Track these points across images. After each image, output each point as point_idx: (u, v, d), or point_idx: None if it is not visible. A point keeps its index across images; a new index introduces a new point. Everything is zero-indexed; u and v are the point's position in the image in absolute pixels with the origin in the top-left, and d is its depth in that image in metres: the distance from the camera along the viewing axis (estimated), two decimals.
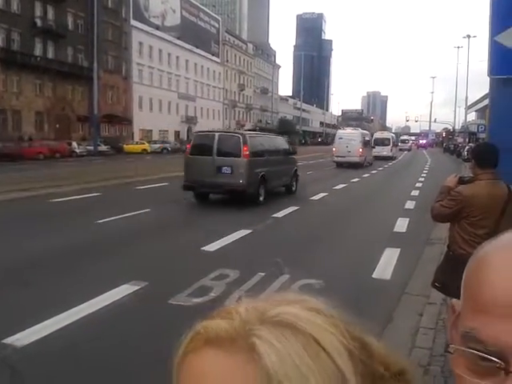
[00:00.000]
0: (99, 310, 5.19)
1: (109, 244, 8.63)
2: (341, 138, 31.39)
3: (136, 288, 5.88)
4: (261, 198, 13.75)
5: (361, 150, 30.63)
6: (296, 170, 17.15)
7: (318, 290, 5.98)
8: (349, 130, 35.76)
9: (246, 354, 0.42)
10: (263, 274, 6.39)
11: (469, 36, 68.90)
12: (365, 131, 39.08)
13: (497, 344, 0.42)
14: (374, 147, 37.38)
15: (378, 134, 46.26)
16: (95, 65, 42.54)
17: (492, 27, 3.69)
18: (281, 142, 17.32)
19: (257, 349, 0.42)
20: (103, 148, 43.04)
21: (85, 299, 5.38)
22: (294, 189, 16.71)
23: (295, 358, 0.41)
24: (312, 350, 0.42)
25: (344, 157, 30.08)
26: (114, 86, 56.39)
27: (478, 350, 0.43)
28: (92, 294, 5.54)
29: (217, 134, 13.86)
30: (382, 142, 41.81)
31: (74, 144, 41.41)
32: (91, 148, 41.56)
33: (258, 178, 13.67)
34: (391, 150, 43.12)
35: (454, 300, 0.53)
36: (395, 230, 10.40)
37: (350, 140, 30.60)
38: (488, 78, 3.99)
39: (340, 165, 29.70)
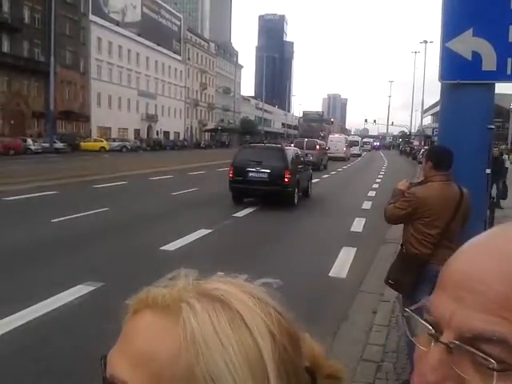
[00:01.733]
0: (52, 310, 5.07)
1: (64, 244, 8.41)
2: (332, 141, 46.59)
3: (92, 289, 5.77)
4: (321, 168, 28.87)
5: (344, 148, 46.58)
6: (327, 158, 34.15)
7: (275, 289, 6.04)
8: (337, 136, 53.85)
9: (174, 317, 0.47)
10: (222, 273, 6.39)
11: (425, 41, 70.89)
12: (347, 136, 61.26)
13: (435, 314, 0.46)
14: (350, 147, 54.01)
15: (351, 138, 67.77)
16: (52, 60, 41.33)
17: (444, 34, 3.82)
18: (323, 143, 37.57)
19: (185, 313, 0.47)
20: (59, 145, 41.83)
21: (38, 300, 5.25)
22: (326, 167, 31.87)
23: (216, 327, 0.46)
24: (235, 325, 0.47)
25: (334, 153, 42.89)
26: (71, 81, 55.01)
27: (424, 319, 0.47)
28: (46, 295, 5.41)
29: (305, 139, 33.15)
30: (354, 144, 61.00)
31: (29, 141, 40.09)
32: (47, 145, 40.38)
33: (321, 159, 30.35)
34: (359, 149, 64.48)
35: None
36: (352, 229, 10.61)
37: (337, 142, 46.50)
38: None
39: (330, 158, 40.64)
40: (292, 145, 25.21)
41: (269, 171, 13.32)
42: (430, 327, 0.46)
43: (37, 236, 8.88)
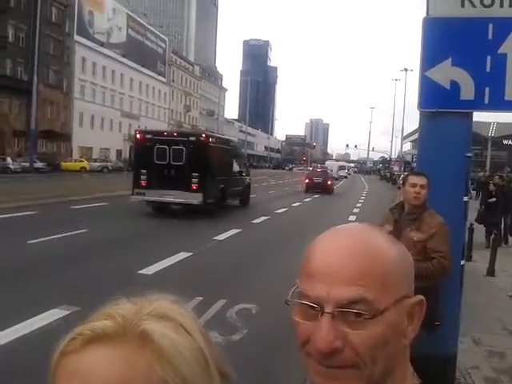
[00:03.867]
0: (24, 335, 4.90)
1: (40, 266, 8.21)
2: (328, 166, 61.02)
3: (66, 313, 5.60)
4: None
5: (337, 172, 66.42)
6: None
7: (254, 315, 5.96)
8: (331, 162, 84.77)
9: (137, 341, 0.53)
10: (201, 298, 6.30)
11: (406, 69, 72.53)
12: (338, 162, 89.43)
13: (312, 296, 0.64)
14: (339, 170, 73.32)
15: (340, 163, 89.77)
16: (35, 78, 41.13)
17: (423, 63, 3.88)
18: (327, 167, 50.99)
19: (149, 335, 0.53)
20: (39, 165, 41.29)
21: (10, 324, 5.08)
22: None
23: (171, 338, 0.54)
24: (180, 332, 0.55)
25: None
26: (53, 101, 54.65)
27: (305, 303, 0.65)
28: (18, 319, 5.24)
29: (318, 165, 59.36)
30: (342, 168, 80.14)
31: (9, 160, 39.53)
32: (27, 164, 39.81)
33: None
34: (346, 172, 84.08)
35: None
36: None
37: (332, 166, 64.13)
38: None
39: None
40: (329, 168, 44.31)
41: (322, 179, 32.97)
42: (315, 305, 0.63)
43: (12, 258, 8.66)
